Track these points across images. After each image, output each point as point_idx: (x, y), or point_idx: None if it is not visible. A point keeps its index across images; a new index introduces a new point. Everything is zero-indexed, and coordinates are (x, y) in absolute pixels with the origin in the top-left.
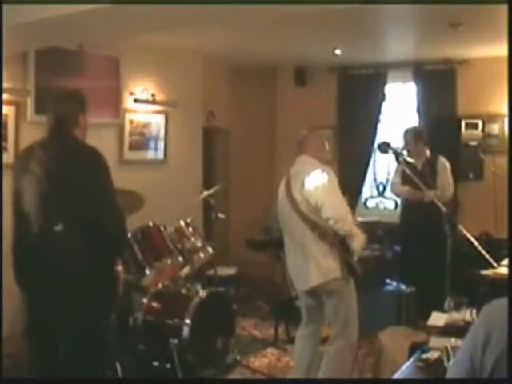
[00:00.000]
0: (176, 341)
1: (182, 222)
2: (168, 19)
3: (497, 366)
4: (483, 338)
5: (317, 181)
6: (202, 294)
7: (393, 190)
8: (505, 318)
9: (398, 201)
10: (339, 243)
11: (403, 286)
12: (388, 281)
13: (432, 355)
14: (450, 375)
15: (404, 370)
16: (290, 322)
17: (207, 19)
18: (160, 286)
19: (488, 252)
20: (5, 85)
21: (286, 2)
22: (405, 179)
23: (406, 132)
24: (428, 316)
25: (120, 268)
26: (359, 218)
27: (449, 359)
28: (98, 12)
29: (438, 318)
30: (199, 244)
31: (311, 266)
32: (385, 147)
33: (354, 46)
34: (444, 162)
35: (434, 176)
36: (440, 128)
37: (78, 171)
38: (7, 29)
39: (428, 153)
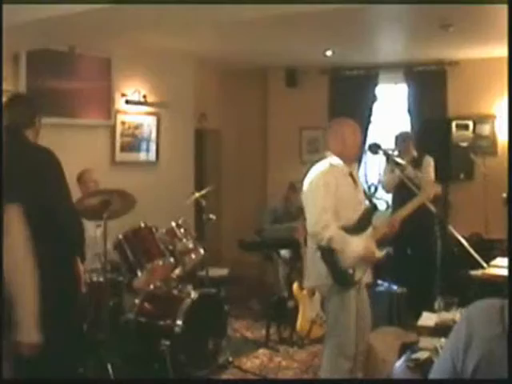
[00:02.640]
0: (168, 342)
1: (173, 223)
2: (160, 21)
3: (478, 368)
4: (465, 341)
5: (306, 187)
6: (194, 295)
7: (384, 188)
8: (487, 320)
9: (390, 202)
10: (328, 252)
11: (395, 287)
12: (379, 281)
13: (422, 355)
14: (432, 376)
15: (394, 369)
16: (281, 323)
17: (199, 21)
18: (152, 287)
19: (478, 252)
20: None
21: (280, 2)
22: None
23: (397, 137)
24: (419, 316)
25: (81, 267)
26: None
27: None
28: (89, 14)
29: (428, 319)
30: (191, 245)
31: (307, 270)
32: (375, 148)
33: (345, 48)
34: (429, 160)
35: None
36: (431, 129)
37: (30, 171)
38: None
39: (415, 153)
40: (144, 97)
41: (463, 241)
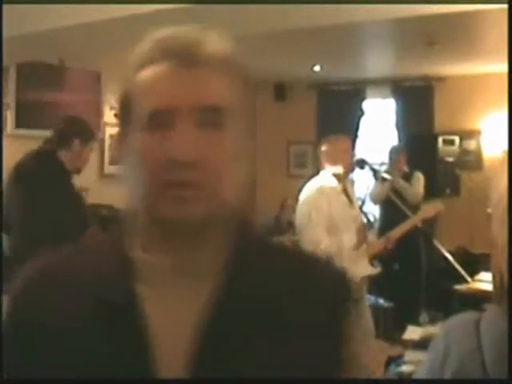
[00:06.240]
0: None
1: None
2: (148, 34)
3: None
4: (442, 354)
5: (299, 209)
6: None
7: (372, 199)
8: (463, 334)
9: (377, 216)
10: None
11: (381, 301)
12: (367, 295)
13: (406, 368)
14: None
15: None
16: None
17: None
18: None
19: (463, 266)
20: None
21: (275, 2)
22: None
23: (391, 150)
24: (404, 330)
25: None
26: None
27: None
28: (79, 27)
29: (413, 332)
30: None
31: None
32: (361, 163)
33: (332, 63)
34: (418, 175)
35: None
36: (417, 144)
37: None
38: None
39: (406, 168)
40: None
41: (448, 255)
